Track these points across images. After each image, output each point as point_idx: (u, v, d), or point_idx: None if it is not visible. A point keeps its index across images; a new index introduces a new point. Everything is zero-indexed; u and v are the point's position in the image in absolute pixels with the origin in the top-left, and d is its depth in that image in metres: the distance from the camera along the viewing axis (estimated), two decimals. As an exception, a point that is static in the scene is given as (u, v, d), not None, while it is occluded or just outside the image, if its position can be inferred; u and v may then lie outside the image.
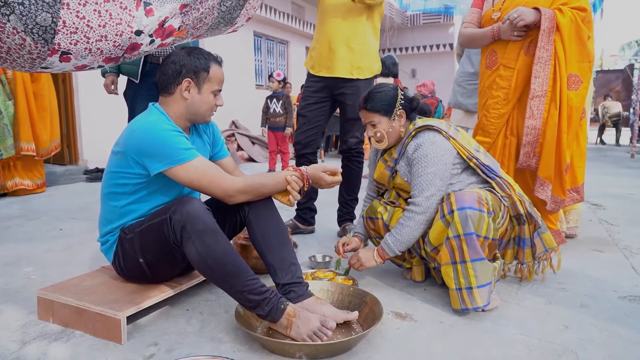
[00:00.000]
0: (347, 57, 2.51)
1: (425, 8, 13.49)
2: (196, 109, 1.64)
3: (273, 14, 9.65)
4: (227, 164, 1.86)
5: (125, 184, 1.60)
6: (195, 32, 1.75)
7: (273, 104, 5.80)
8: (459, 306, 1.64)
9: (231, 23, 1.85)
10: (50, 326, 1.57)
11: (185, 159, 1.51)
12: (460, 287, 1.63)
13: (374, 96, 1.86)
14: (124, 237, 1.61)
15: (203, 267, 1.44)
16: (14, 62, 1.47)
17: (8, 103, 4.03)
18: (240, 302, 1.46)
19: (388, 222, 1.93)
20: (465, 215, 1.61)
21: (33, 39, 1.36)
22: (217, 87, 1.66)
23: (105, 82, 2.73)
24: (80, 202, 3.95)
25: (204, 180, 1.54)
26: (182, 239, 1.43)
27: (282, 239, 1.64)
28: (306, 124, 2.69)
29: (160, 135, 1.51)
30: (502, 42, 2.31)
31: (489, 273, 1.64)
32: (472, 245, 1.61)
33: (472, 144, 1.85)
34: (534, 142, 2.22)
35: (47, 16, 1.32)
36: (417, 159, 1.76)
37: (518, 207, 1.77)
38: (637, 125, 9.11)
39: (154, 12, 1.53)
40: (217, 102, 1.69)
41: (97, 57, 1.55)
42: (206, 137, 1.81)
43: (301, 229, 2.85)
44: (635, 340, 1.49)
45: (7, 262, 2.29)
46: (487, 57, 2.39)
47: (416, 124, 1.86)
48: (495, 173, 1.80)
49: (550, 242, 1.88)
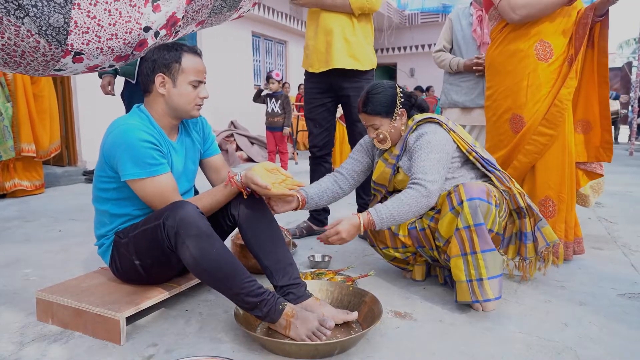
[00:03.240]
0: (344, 48, 2.52)
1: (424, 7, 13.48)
2: (175, 103, 1.59)
3: (271, 14, 9.65)
4: (216, 162, 1.84)
5: (106, 189, 1.60)
6: (196, 15, 1.71)
7: (272, 104, 5.79)
8: (469, 298, 1.62)
9: (235, 7, 1.82)
10: (49, 327, 1.56)
11: (148, 175, 1.50)
12: (470, 278, 1.62)
13: (372, 98, 1.82)
14: (119, 241, 1.61)
15: (199, 271, 1.43)
16: (27, 65, 1.47)
17: (7, 105, 4.03)
18: (238, 304, 1.46)
19: (397, 230, 1.86)
20: (475, 205, 1.60)
21: (47, 40, 1.36)
22: (194, 78, 1.58)
23: (102, 83, 2.73)
24: (79, 203, 3.94)
25: (155, 200, 1.53)
26: (176, 244, 1.41)
27: (276, 241, 1.62)
28: (317, 127, 2.70)
29: (133, 146, 1.48)
30: (560, 33, 2.17)
31: (499, 265, 1.63)
32: (483, 236, 1.60)
33: (469, 139, 1.85)
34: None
35: (59, 17, 1.33)
36: (420, 146, 1.73)
37: (518, 200, 1.76)
38: (635, 123, 9.12)
39: (161, 8, 1.54)
40: (200, 94, 1.61)
41: (108, 56, 1.56)
42: (196, 134, 1.78)
43: (315, 230, 2.84)
44: (635, 337, 1.49)
45: (6, 263, 2.28)
46: (535, 47, 2.18)
47: (415, 119, 1.85)
48: (494, 166, 1.80)
49: (550, 236, 1.85)
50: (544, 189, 2.22)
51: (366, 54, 2.57)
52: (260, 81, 9.84)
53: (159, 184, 1.52)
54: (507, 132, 2.28)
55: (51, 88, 4.47)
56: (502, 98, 2.28)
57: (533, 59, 2.18)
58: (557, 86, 2.16)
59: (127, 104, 2.68)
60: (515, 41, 2.22)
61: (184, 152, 1.72)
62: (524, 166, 2.23)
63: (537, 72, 2.18)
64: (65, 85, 5.63)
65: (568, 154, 2.23)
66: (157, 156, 1.52)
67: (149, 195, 1.53)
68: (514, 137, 2.24)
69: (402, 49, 15.47)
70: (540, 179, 2.22)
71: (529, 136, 2.19)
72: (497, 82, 2.31)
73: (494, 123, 2.35)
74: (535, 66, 2.18)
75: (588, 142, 2.38)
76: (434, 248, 1.80)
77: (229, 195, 1.61)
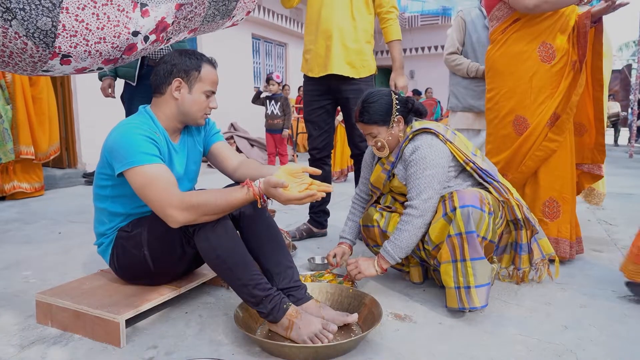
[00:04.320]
0: (342, 55, 2.52)
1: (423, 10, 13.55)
2: (187, 109, 1.61)
3: (271, 16, 9.66)
4: (219, 148, 1.81)
5: (105, 186, 1.61)
6: (188, 23, 1.73)
7: (271, 106, 5.78)
8: (456, 305, 1.63)
9: (228, 16, 1.84)
10: (49, 330, 1.56)
11: (139, 162, 1.44)
12: (459, 285, 1.63)
13: (368, 107, 1.82)
14: (124, 236, 1.61)
15: (212, 257, 1.44)
16: (16, 65, 1.48)
17: (7, 107, 4.03)
18: (244, 296, 1.46)
19: (385, 228, 1.90)
20: (468, 212, 1.61)
21: (34, 42, 1.37)
22: (209, 88, 1.63)
23: (102, 86, 2.73)
24: (78, 206, 3.94)
25: (147, 190, 1.42)
26: (194, 228, 1.44)
27: (276, 243, 1.63)
28: (316, 130, 2.71)
29: (129, 137, 1.48)
30: (562, 34, 2.17)
31: (488, 273, 1.63)
32: (473, 244, 1.61)
33: (470, 148, 1.85)
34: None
35: (47, 20, 1.34)
36: (415, 161, 1.75)
37: (516, 212, 1.77)
38: (635, 125, 9.13)
39: (150, 13, 1.54)
40: (211, 105, 1.65)
41: (96, 59, 1.57)
42: (197, 133, 1.78)
43: (315, 232, 2.83)
44: (635, 339, 1.49)
45: (6, 265, 2.28)
46: (538, 49, 2.19)
47: (413, 127, 1.84)
48: (492, 177, 1.79)
49: (547, 248, 1.89)
50: (547, 190, 2.22)
51: (364, 61, 2.57)
52: (260, 83, 9.85)
53: (152, 172, 1.44)
54: (510, 134, 2.28)
55: (50, 90, 4.48)
56: (505, 100, 2.28)
57: (536, 60, 2.19)
58: (562, 88, 2.17)
59: (127, 107, 2.68)
60: (518, 43, 2.22)
61: (186, 153, 1.73)
62: (530, 170, 2.24)
63: (540, 74, 2.18)
64: (65, 87, 5.63)
65: (570, 155, 2.24)
66: (152, 149, 1.50)
67: (141, 185, 1.43)
68: (517, 139, 2.24)
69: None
70: (544, 180, 2.23)
71: (533, 139, 2.19)
72: (499, 84, 2.31)
73: (495, 125, 2.34)
74: (538, 68, 2.18)
75: (582, 144, 2.39)
76: (422, 249, 1.81)
77: (240, 200, 1.40)
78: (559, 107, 2.17)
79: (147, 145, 1.48)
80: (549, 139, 2.17)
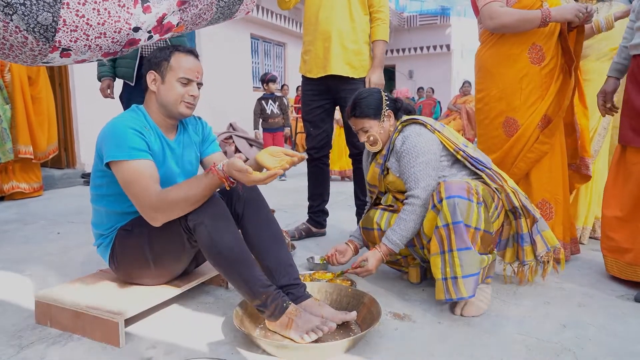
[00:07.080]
0: (341, 55, 2.52)
1: (422, 9, 13.58)
2: (163, 99, 1.62)
3: (270, 16, 9.66)
4: (215, 160, 1.83)
5: (100, 184, 1.62)
6: (195, 27, 1.79)
7: (270, 105, 5.80)
8: (443, 297, 1.61)
9: (230, 17, 1.89)
10: (48, 330, 1.56)
11: (124, 157, 1.47)
12: (445, 276, 1.60)
13: (360, 102, 1.89)
14: (124, 234, 1.62)
15: (214, 253, 1.45)
16: (16, 57, 1.51)
17: (6, 107, 4.03)
18: (244, 293, 1.47)
19: (386, 229, 1.90)
20: (454, 203, 1.60)
21: (35, 37, 1.39)
22: (182, 75, 1.60)
23: (101, 87, 2.73)
24: (77, 206, 3.94)
25: (129, 187, 1.47)
26: (194, 224, 1.45)
27: (277, 241, 1.64)
28: (315, 129, 2.71)
29: (118, 130, 1.51)
30: (551, 36, 2.18)
31: (476, 264, 1.60)
32: (459, 234, 1.59)
33: (460, 140, 1.86)
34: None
35: (48, 15, 1.35)
36: (406, 151, 1.77)
37: (512, 199, 1.73)
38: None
39: (152, 9, 1.56)
40: (189, 92, 1.62)
41: (96, 53, 1.60)
42: (194, 135, 1.80)
43: (314, 232, 2.84)
44: (633, 339, 1.49)
45: (5, 266, 2.28)
46: (529, 51, 2.19)
47: (402, 119, 1.89)
48: (484, 165, 1.79)
49: (551, 240, 1.84)
50: (540, 191, 2.22)
51: (363, 61, 2.57)
52: (259, 83, 9.85)
53: (137, 169, 1.47)
54: (500, 135, 2.27)
55: (49, 90, 4.48)
56: (495, 101, 2.26)
57: (526, 62, 2.19)
58: (552, 91, 2.17)
59: (126, 107, 2.68)
60: (508, 44, 2.21)
61: (181, 152, 1.73)
62: (522, 172, 2.23)
63: (530, 76, 2.18)
64: (64, 87, 5.63)
65: (561, 156, 2.24)
66: (140, 143, 1.52)
67: (125, 180, 1.47)
68: (507, 141, 2.23)
69: (400, 51, 15.51)
70: (536, 182, 2.22)
71: (524, 140, 2.18)
72: (488, 85, 2.29)
73: (486, 126, 2.34)
74: (528, 70, 2.18)
75: (571, 144, 2.38)
76: (424, 246, 1.81)
77: (209, 186, 1.44)
78: (550, 110, 2.18)
79: (135, 139, 1.50)
80: (541, 141, 2.17)
